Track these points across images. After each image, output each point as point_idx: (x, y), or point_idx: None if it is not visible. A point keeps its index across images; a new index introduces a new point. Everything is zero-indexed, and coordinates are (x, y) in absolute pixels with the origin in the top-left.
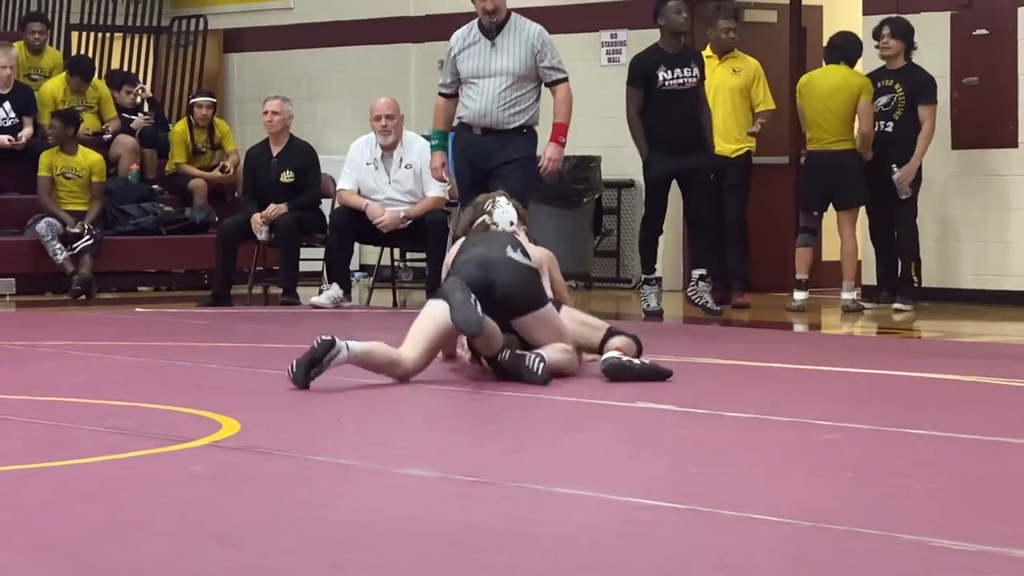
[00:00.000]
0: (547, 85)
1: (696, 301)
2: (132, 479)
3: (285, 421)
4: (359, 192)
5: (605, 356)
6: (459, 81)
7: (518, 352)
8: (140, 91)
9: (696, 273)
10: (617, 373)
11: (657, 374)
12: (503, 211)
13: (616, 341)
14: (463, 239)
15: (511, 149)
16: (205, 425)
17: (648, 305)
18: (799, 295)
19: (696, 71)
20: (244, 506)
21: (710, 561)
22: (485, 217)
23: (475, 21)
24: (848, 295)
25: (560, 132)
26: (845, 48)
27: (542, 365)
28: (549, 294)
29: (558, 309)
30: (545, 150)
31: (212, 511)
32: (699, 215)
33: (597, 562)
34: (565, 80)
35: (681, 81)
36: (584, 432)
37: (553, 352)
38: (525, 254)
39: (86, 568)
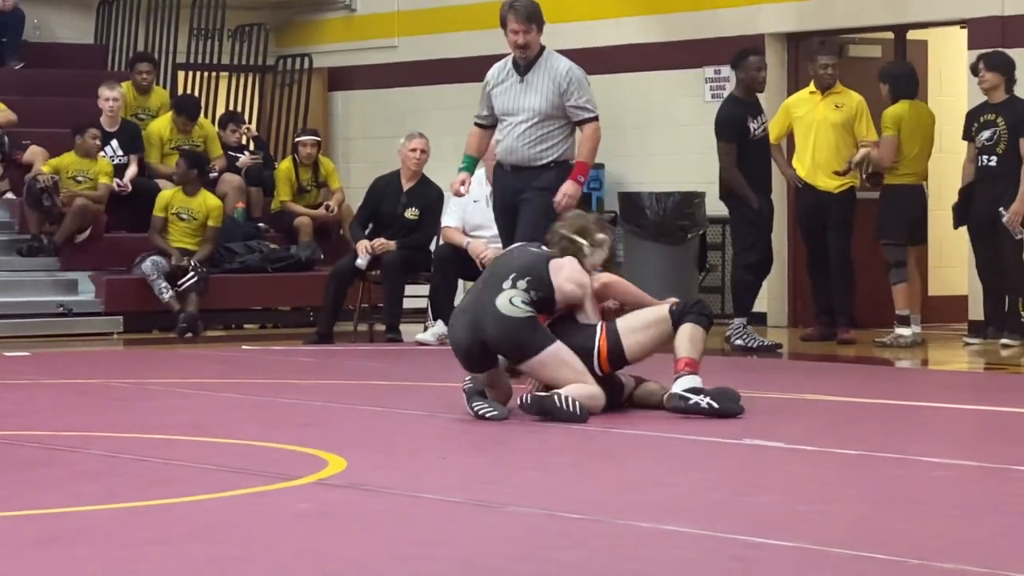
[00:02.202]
0: (575, 123)
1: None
2: (239, 517)
3: (391, 459)
4: (464, 230)
5: (672, 392)
6: (493, 116)
7: (541, 394)
8: (246, 131)
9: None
10: (682, 410)
11: (724, 414)
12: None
13: (683, 351)
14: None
15: (537, 181)
16: (311, 463)
17: (762, 342)
18: (908, 330)
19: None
20: (351, 544)
21: None
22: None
23: (511, 57)
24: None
25: (580, 171)
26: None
27: (576, 403)
28: (591, 318)
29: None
30: (562, 186)
31: (319, 549)
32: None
33: None
34: (593, 119)
35: (764, 128)
36: (691, 469)
37: (572, 392)
38: (531, 285)
39: None
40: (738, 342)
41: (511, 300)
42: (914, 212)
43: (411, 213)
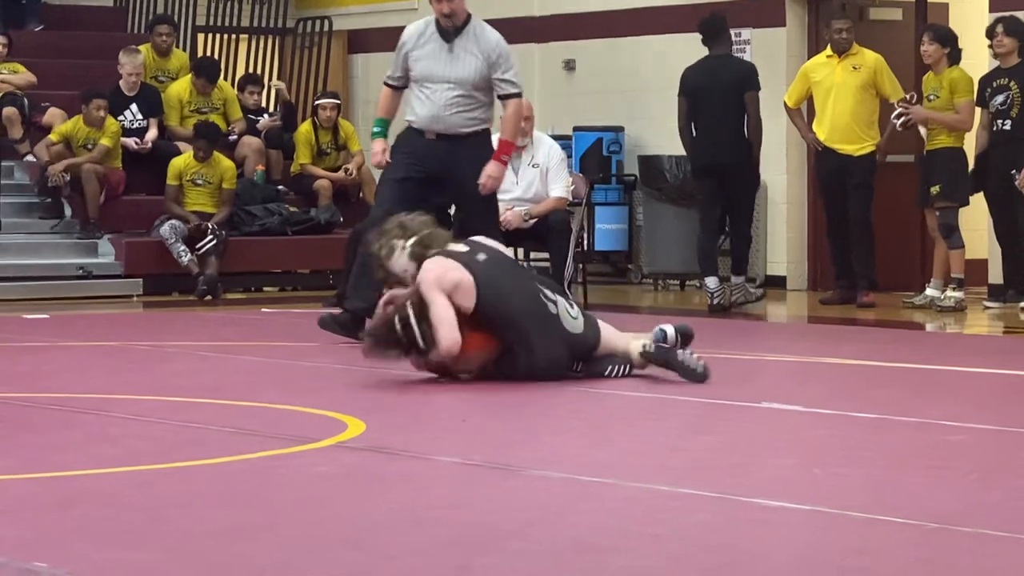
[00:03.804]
0: (499, 98)
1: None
2: (259, 480)
3: (411, 422)
4: None
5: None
6: (408, 77)
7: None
8: (279, 91)
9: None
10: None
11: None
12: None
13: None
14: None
15: (468, 162)
16: (331, 426)
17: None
18: (961, 293)
19: None
20: (370, 507)
21: (836, 562)
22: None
23: (432, 18)
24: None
25: (505, 150)
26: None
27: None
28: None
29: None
30: (486, 167)
31: (338, 512)
32: None
33: (722, 563)
34: (518, 95)
35: None
36: (708, 433)
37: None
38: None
39: (214, 568)
40: (741, 298)
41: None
42: (966, 173)
43: None
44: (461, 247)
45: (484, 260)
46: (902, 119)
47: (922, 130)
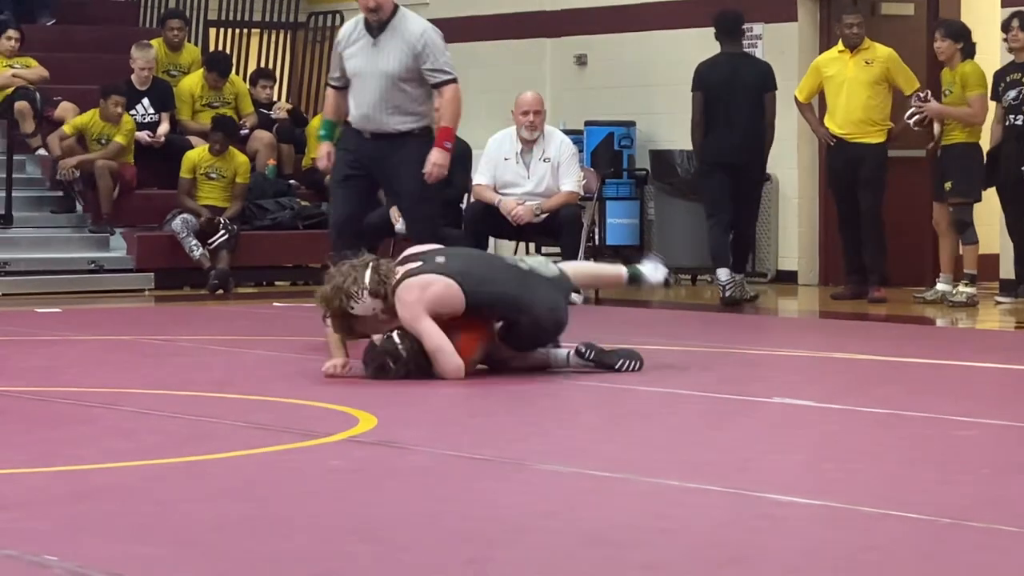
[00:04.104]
0: (433, 87)
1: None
2: (270, 474)
3: (422, 416)
4: (495, 188)
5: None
6: (346, 77)
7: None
8: (279, 108)
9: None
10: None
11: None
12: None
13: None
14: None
15: (402, 164)
16: (342, 420)
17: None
18: (973, 289)
19: None
20: (382, 501)
21: (846, 557)
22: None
23: (363, 16)
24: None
25: (445, 137)
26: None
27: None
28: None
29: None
30: (430, 155)
31: (350, 506)
32: None
33: (733, 558)
34: (451, 82)
35: None
36: (719, 428)
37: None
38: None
39: (224, 562)
40: (736, 295)
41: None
42: (980, 169)
43: None
44: (414, 263)
45: (446, 259)
46: (915, 117)
47: (936, 127)
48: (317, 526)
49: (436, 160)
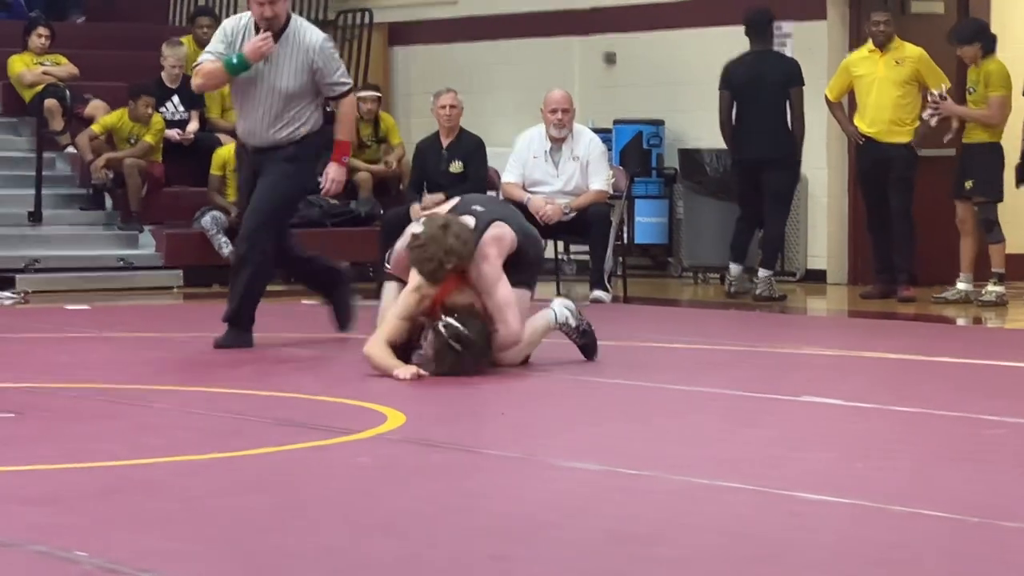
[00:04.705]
0: (330, 99)
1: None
2: (299, 470)
3: (450, 413)
4: (524, 186)
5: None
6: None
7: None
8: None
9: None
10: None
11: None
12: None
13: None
14: None
15: (277, 154)
16: (371, 417)
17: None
18: (1002, 287)
19: None
20: (410, 497)
21: (876, 556)
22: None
23: (250, 15)
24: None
25: (343, 151)
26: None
27: None
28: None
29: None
30: (327, 170)
31: (377, 502)
32: None
33: (761, 555)
34: (348, 92)
35: None
36: (748, 426)
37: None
38: None
39: (253, 557)
40: (764, 292)
41: None
42: (1001, 169)
43: (455, 167)
44: (468, 214)
45: (483, 207)
46: (934, 119)
47: (954, 123)
48: (344, 522)
49: (334, 176)
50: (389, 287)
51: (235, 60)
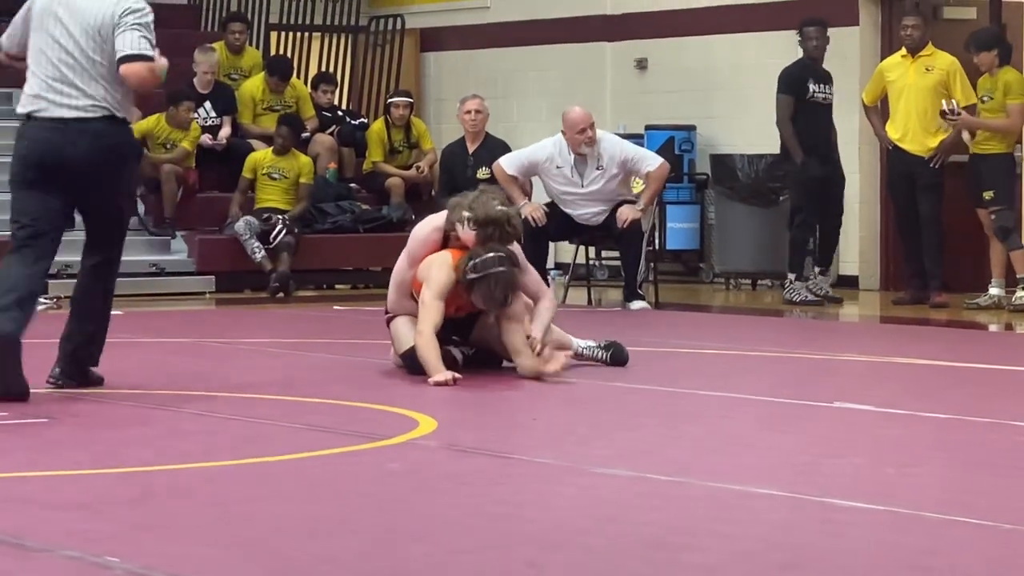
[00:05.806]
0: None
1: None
2: (330, 476)
3: (482, 419)
4: (523, 187)
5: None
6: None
7: None
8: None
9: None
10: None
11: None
12: None
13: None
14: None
15: (99, 141)
16: (402, 422)
17: (804, 297)
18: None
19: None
20: (441, 503)
21: (909, 562)
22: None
23: None
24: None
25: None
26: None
27: None
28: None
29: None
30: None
31: (409, 508)
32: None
33: (793, 562)
34: (146, 58)
35: (827, 96)
36: (781, 432)
37: None
38: None
39: (285, 563)
40: (787, 296)
41: None
42: (1015, 177)
43: (482, 173)
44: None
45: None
46: (963, 132)
47: (966, 135)
48: (375, 528)
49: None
50: (400, 322)
51: None
